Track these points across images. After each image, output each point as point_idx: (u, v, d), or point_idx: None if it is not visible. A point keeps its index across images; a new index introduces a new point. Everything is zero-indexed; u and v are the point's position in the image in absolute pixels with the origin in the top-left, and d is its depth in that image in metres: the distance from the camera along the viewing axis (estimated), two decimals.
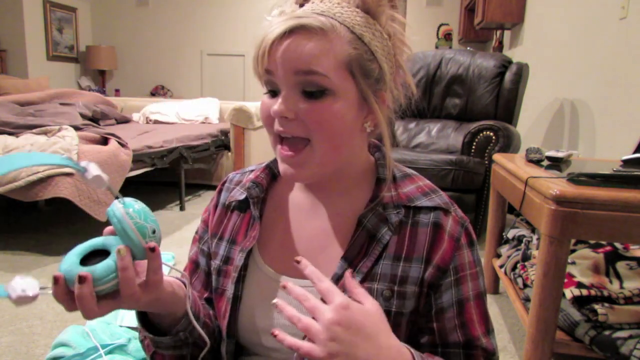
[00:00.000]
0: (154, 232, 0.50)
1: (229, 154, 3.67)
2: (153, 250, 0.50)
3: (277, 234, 0.65)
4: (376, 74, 0.57)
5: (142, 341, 0.66)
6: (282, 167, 0.59)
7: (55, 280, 0.48)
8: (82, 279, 0.46)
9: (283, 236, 0.65)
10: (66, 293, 0.48)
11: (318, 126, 0.55)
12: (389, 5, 0.58)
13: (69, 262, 0.48)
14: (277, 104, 0.55)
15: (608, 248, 1.42)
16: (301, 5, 0.58)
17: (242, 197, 0.68)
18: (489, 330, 0.62)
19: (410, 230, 0.60)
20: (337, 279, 0.59)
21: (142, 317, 0.61)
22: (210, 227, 0.70)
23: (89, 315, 0.48)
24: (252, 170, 0.72)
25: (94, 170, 0.50)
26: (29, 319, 1.69)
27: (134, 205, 0.50)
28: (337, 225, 0.63)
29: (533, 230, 1.88)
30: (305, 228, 0.65)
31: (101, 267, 0.47)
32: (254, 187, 0.66)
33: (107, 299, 0.49)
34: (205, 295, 0.71)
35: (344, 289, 0.54)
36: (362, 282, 0.58)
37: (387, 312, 0.57)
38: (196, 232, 0.75)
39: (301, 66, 0.53)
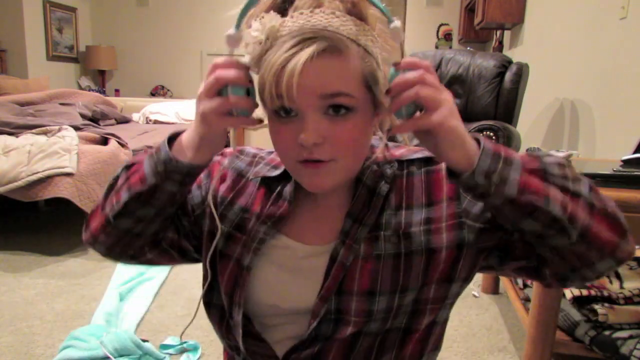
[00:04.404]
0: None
1: None
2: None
3: (294, 210, 0.65)
4: (382, 78, 0.57)
5: (129, 166, 0.63)
6: (308, 180, 0.57)
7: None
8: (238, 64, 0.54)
9: (298, 211, 0.66)
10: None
11: (346, 146, 0.55)
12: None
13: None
14: (305, 132, 0.53)
15: None
16: (282, 15, 0.55)
17: (274, 174, 0.67)
18: None
19: (407, 181, 0.64)
20: (346, 234, 0.61)
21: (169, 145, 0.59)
22: (221, 187, 0.69)
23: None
24: (269, 152, 0.71)
25: None
26: (29, 319, 1.69)
27: None
28: (340, 193, 0.64)
29: None
30: (314, 202, 0.65)
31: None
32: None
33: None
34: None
35: (352, 241, 0.60)
36: (369, 232, 0.61)
37: (397, 255, 0.60)
38: None
39: (328, 90, 0.52)
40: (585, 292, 1.29)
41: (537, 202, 0.51)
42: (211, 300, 0.68)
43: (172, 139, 0.60)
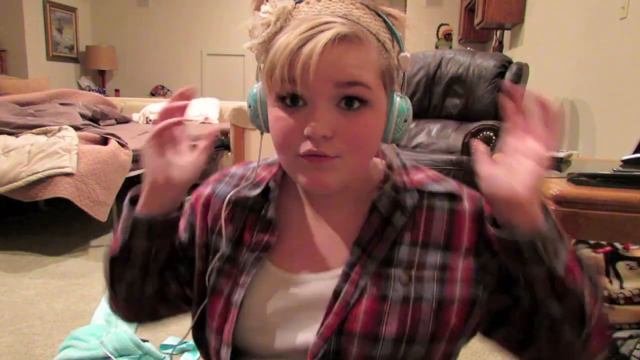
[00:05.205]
0: None
1: (229, 154, 3.67)
2: None
3: (287, 234, 0.60)
4: (397, 79, 0.54)
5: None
6: (306, 176, 0.52)
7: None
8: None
9: (292, 235, 0.60)
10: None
11: (356, 141, 0.51)
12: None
13: None
14: (315, 122, 0.48)
15: (608, 248, 1.41)
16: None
17: (254, 193, 0.61)
18: None
19: (426, 215, 0.58)
20: (351, 266, 0.55)
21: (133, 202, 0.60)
22: (208, 218, 0.64)
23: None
24: (256, 167, 0.65)
25: None
26: (29, 319, 1.69)
27: None
28: (349, 215, 0.59)
29: None
30: (314, 223, 0.60)
31: None
32: (274, 187, 0.61)
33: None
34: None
35: (358, 276, 0.55)
36: (378, 266, 0.55)
37: (406, 299, 0.54)
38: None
39: (344, 77, 0.48)
40: None
41: (575, 288, 0.50)
42: (200, 337, 0.64)
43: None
